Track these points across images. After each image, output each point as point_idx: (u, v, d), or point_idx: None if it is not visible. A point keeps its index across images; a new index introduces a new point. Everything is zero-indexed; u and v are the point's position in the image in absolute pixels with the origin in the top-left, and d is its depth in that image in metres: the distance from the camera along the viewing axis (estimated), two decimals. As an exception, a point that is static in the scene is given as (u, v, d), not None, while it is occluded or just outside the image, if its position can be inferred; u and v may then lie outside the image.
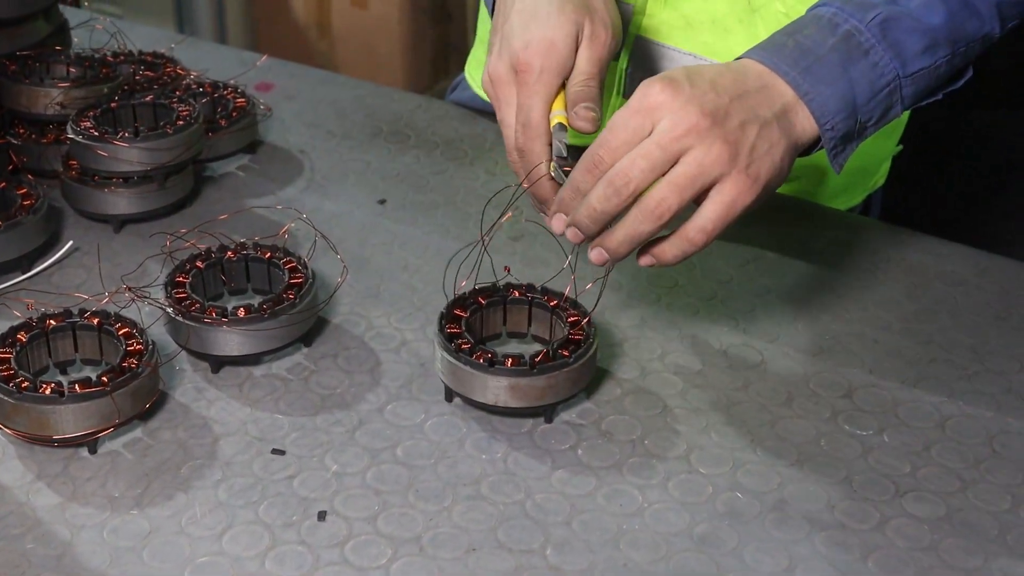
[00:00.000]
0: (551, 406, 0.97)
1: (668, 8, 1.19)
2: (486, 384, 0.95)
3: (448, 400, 1.00)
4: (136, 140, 1.17)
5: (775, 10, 1.15)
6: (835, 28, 0.96)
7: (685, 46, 1.20)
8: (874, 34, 0.96)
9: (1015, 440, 0.98)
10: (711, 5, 1.18)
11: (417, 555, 0.86)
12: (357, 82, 1.55)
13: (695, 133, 0.90)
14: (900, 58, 0.97)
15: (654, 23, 1.20)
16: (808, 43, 0.96)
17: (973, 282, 1.17)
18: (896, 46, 0.97)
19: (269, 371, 1.04)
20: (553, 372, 0.95)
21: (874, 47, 0.96)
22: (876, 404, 1.01)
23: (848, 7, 0.97)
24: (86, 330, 1.00)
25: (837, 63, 0.95)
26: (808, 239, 1.23)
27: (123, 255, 1.18)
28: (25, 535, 0.87)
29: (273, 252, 1.09)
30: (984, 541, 0.88)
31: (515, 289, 1.04)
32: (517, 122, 1.01)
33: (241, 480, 0.92)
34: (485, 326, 1.04)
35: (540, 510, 0.90)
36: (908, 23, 0.97)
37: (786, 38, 0.97)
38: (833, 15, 0.97)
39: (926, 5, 0.98)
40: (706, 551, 0.87)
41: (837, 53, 0.95)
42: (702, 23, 1.19)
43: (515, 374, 0.95)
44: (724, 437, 0.97)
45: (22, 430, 0.93)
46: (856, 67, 0.96)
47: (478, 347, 0.97)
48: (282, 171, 1.34)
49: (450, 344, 0.97)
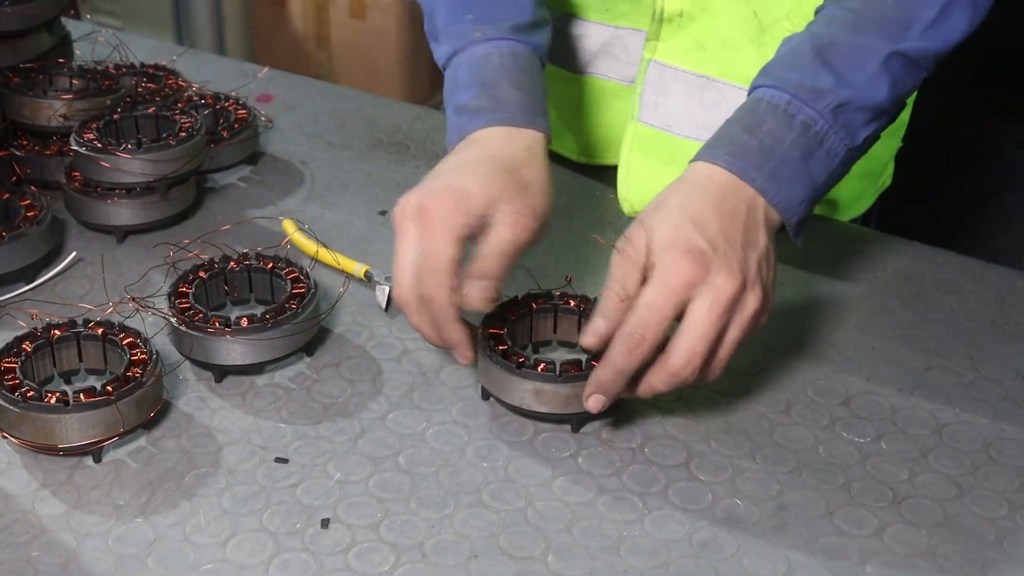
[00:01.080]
0: (577, 415, 0.97)
1: (681, 32, 1.20)
2: (513, 386, 0.96)
3: (484, 399, 1.01)
4: (139, 152, 1.18)
5: (783, 28, 1.16)
6: (792, 120, 1.00)
7: (698, 68, 1.21)
8: (827, 121, 1.00)
9: (1012, 447, 0.99)
10: (722, 25, 1.19)
11: (419, 562, 0.87)
12: (357, 93, 1.56)
13: (739, 297, 0.93)
14: (851, 136, 1.01)
15: (667, 47, 1.22)
16: (769, 141, 0.99)
17: (969, 290, 1.18)
18: (847, 127, 1.01)
19: (272, 380, 1.04)
20: (579, 382, 0.95)
21: (827, 133, 1.00)
22: (874, 411, 1.02)
23: (801, 93, 1.00)
24: (90, 340, 1.01)
25: (798, 159, 0.99)
26: (805, 248, 1.23)
27: (126, 266, 1.19)
28: (31, 543, 0.88)
29: (275, 262, 1.10)
30: (981, 547, 0.89)
31: (570, 299, 1.05)
32: (416, 265, 0.96)
33: (245, 488, 0.93)
34: (535, 332, 1.05)
35: (541, 517, 0.91)
36: (857, 103, 1.01)
37: (747, 136, 0.99)
38: (788, 104, 1.00)
39: (871, 81, 1.01)
40: (706, 557, 0.88)
41: (797, 149, 0.99)
42: (713, 45, 1.20)
43: (541, 379, 0.96)
44: (723, 444, 0.98)
45: (27, 439, 0.93)
46: (814, 158, 1.00)
47: (514, 350, 0.98)
48: (283, 182, 1.35)
49: (489, 344, 0.98)
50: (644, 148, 1.26)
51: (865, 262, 1.22)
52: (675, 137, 1.25)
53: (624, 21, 1.25)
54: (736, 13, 1.18)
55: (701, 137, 1.23)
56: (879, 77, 1.01)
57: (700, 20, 1.19)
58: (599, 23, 1.27)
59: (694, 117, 1.23)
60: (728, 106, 1.20)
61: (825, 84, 1.00)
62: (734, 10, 1.18)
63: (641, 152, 1.26)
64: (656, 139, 1.26)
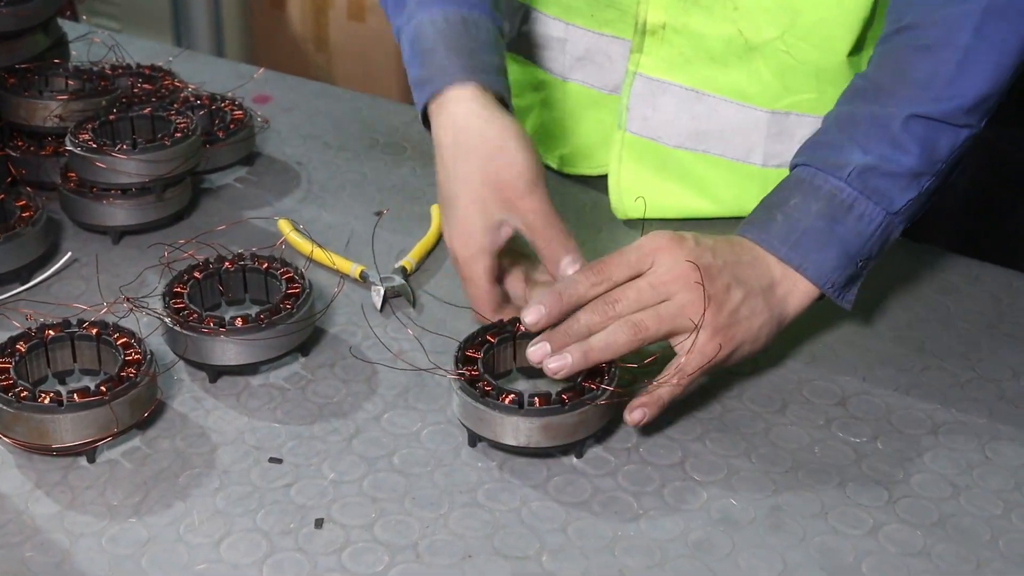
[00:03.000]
0: (581, 441, 0.95)
1: (665, 45, 1.20)
2: (517, 426, 0.93)
3: (472, 445, 0.97)
4: (134, 152, 1.18)
5: (776, 48, 1.16)
6: (817, 191, 1.02)
7: (685, 81, 1.21)
8: (855, 187, 1.01)
9: (1007, 446, 0.98)
10: (706, 43, 1.18)
11: (414, 562, 0.87)
12: (354, 94, 1.56)
13: (683, 281, 0.96)
14: (885, 201, 1.02)
15: (652, 60, 1.21)
16: (795, 214, 1.01)
17: (965, 290, 1.18)
18: (877, 193, 1.01)
19: (267, 380, 1.04)
20: (583, 408, 0.93)
21: (856, 200, 1.01)
22: (869, 411, 1.02)
23: (826, 168, 1.02)
24: (85, 340, 1.01)
25: (824, 228, 1.01)
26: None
27: (121, 266, 1.19)
28: (24, 543, 0.88)
29: (270, 262, 1.10)
30: (976, 547, 0.89)
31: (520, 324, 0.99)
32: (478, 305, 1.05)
33: (239, 488, 0.93)
34: (497, 364, 1.02)
35: (536, 517, 0.91)
36: (883, 169, 1.01)
37: (774, 212, 1.02)
38: (812, 177, 1.02)
39: (895, 146, 1.01)
40: (700, 557, 0.88)
41: (822, 219, 1.01)
42: (700, 59, 1.19)
43: (546, 413, 0.92)
44: (718, 444, 0.98)
45: (21, 439, 0.93)
46: (842, 225, 1.01)
47: (502, 389, 0.94)
48: (279, 183, 1.35)
49: (472, 388, 0.95)
50: (634, 156, 1.26)
51: (861, 262, 1.22)
52: (665, 147, 1.24)
53: (609, 29, 1.24)
54: (720, 30, 1.17)
55: (693, 147, 1.23)
56: (902, 141, 1.01)
57: (683, 34, 1.19)
58: (584, 28, 1.26)
59: (685, 128, 1.23)
60: (720, 119, 1.20)
61: (850, 156, 1.01)
62: (718, 27, 1.17)
63: (631, 160, 1.26)
64: (646, 148, 1.25)
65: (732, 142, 1.22)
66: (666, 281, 0.96)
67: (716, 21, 1.16)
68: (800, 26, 1.14)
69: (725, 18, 1.16)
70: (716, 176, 1.25)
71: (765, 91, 1.19)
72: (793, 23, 1.14)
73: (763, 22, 1.15)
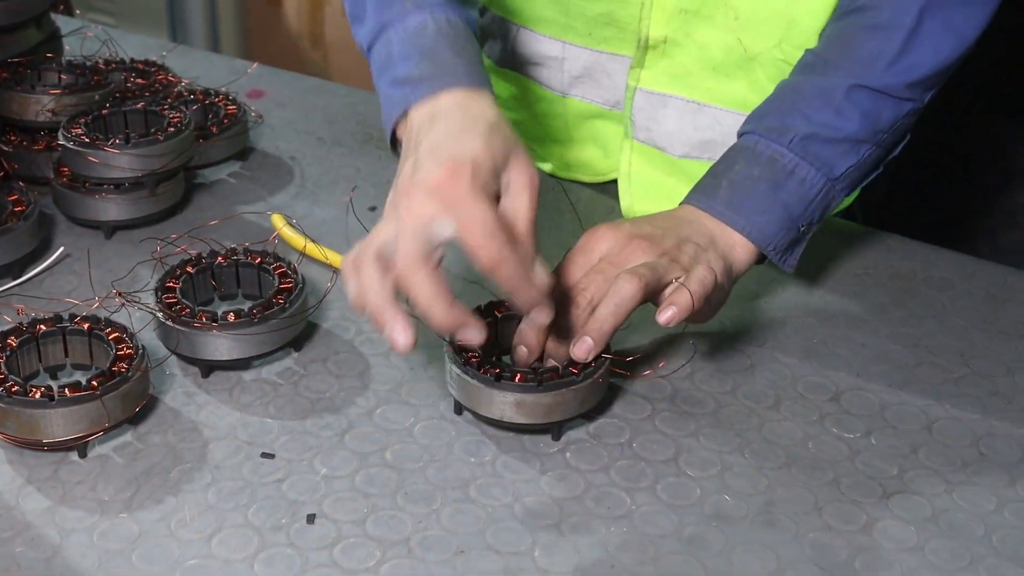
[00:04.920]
0: (557, 424, 0.96)
1: (666, 59, 1.19)
2: (492, 399, 0.94)
3: (457, 413, 0.99)
4: (127, 147, 1.18)
5: (774, 57, 1.16)
6: (759, 157, 1.05)
7: (686, 94, 1.21)
8: (796, 153, 1.05)
9: (1001, 442, 0.98)
10: (707, 54, 1.18)
11: (406, 557, 0.86)
12: (348, 89, 1.56)
13: (637, 248, 0.98)
14: (826, 167, 1.06)
15: (653, 74, 1.21)
16: (738, 179, 1.05)
17: (960, 286, 1.18)
18: (818, 158, 1.05)
19: (259, 375, 1.04)
20: (559, 390, 0.94)
21: (798, 164, 1.05)
22: (863, 407, 1.02)
23: (769, 135, 1.06)
24: (76, 335, 1.01)
25: (766, 192, 1.04)
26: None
27: (114, 261, 1.18)
28: (15, 539, 0.87)
29: (263, 257, 1.09)
30: (970, 542, 0.89)
31: None
32: (475, 235, 0.86)
33: (230, 483, 0.92)
34: (502, 339, 1.02)
35: (528, 513, 0.90)
36: (824, 135, 1.05)
37: (718, 180, 1.06)
38: (755, 144, 1.06)
39: (837, 114, 1.06)
40: (694, 553, 0.87)
41: (764, 182, 1.04)
42: (701, 71, 1.19)
43: (521, 390, 0.94)
44: (712, 440, 0.98)
45: (12, 434, 0.93)
46: (784, 189, 1.05)
47: (488, 361, 0.96)
48: (273, 178, 1.35)
49: (459, 357, 0.96)
50: (643, 161, 1.26)
51: (856, 259, 1.22)
52: (672, 156, 1.24)
53: (607, 46, 1.23)
54: (720, 40, 1.17)
55: (699, 156, 1.23)
56: (844, 109, 1.05)
57: (684, 46, 1.18)
58: (581, 47, 1.24)
59: (689, 139, 1.23)
60: (723, 130, 1.21)
61: (792, 122, 1.05)
62: (718, 37, 1.17)
63: (641, 164, 1.26)
64: (654, 155, 1.25)
65: None
66: (620, 251, 0.98)
67: (718, 31, 1.16)
68: (796, 35, 1.14)
69: (727, 28, 1.16)
70: None
71: None
72: (789, 32, 1.14)
73: (762, 31, 1.15)
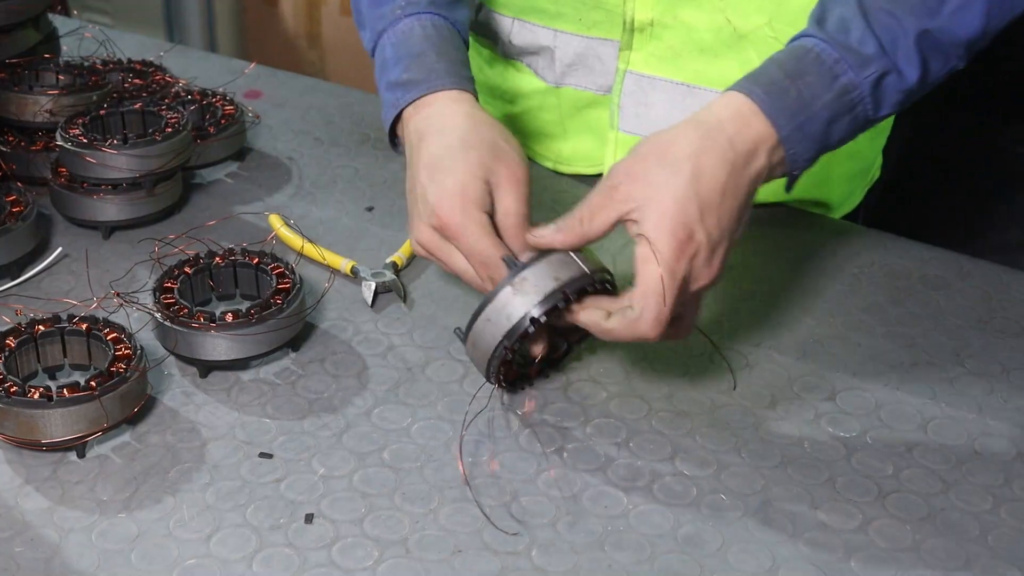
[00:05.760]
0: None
1: (654, 41, 1.20)
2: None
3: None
4: (125, 147, 1.18)
5: (764, 35, 1.16)
6: (834, 80, 0.98)
7: (676, 76, 1.21)
8: (866, 91, 0.99)
9: (996, 442, 0.99)
10: (696, 35, 1.18)
11: (403, 557, 0.87)
12: (345, 89, 1.56)
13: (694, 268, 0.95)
14: (877, 107, 1.01)
15: (642, 57, 1.21)
16: (807, 93, 0.98)
17: (956, 286, 1.18)
18: (879, 101, 1.00)
19: (257, 376, 1.04)
20: None
21: (862, 102, 0.99)
22: (859, 406, 1.02)
23: (849, 56, 0.99)
24: (75, 335, 1.01)
25: (825, 120, 0.98)
26: (792, 244, 1.24)
27: (112, 261, 1.18)
28: (14, 538, 0.88)
29: (261, 257, 1.10)
30: (965, 541, 0.89)
31: None
32: (474, 265, 1.00)
33: (229, 483, 0.93)
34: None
35: (525, 512, 0.91)
36: (893, 80, 1.00)
37: (788, 82, 0.98)
38: (835, 63, 0.99)
39: (907, 58, 1.00)
40: (690, 552, 0.88)
41: (828, 110, 0.98)
42: (690, 52, 1.19)
43: None
44: (708, 439, 0.98)
45: (11, 434, 0.93)
46: (840, 122, 0.99)
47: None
48: (270, 178, 1.35)
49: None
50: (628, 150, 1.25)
51: (852, 258, 1.22)
52: None
53: (597, 31, 1.24)
54: (709, 21, 1.17)
55: None
56: (911, 55, 1.00)
57: (673, 28, 1.18)
58: (572, 33, 1.25)
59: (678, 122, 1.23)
60: None
61: (870, 51, 0.98)
62: (707, 18, 1.17)
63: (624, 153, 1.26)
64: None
65: None
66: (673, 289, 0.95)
67: (705, 12, 1.16)
68: (787, 12, 1.14)
69: (713, 8, 1.16)
70: None
71: None
72: (779, 9, 1.14)
73: (751, 9, 1.15)
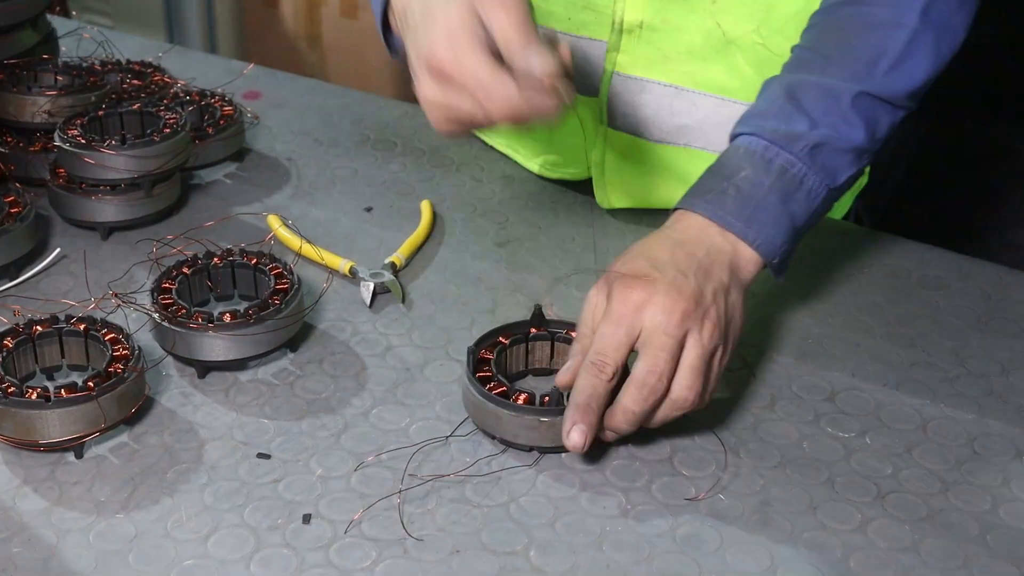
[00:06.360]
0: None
1: (643, 43, 1.19)
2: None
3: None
4: (123, 148, 1.18)
5: (752, 41, 1.16)
6: (769, 165, 1.01)
7: (664, 78, 1.21)
8: (805, 163, 1.01)
9: (996, 442, 0.98)
10: (685, 37, 1.18)
11: (401, 557, 0.86)
12: (344, 90, 1.56)
13: (689, 317, 0.92)
14: (830, 177, 1.02)
15: (630, 59, 1.21)
16: (747, 187, 1.00)
17: (955, 286, 1.18)
18: (825, 168, 1.02)
19: (255, 376, 1.04)
20: None
21: (806, 175, 1.01)
22: (858, 407, 1.02)
23: (777, 139, 1.01)
24: (73, 336, 1.01)
25: (777, 202, 1.00)
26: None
27: (110, 262, 1.18)
28: (11, 539, 0.87)
29: (259, 258, 1.10)
30: (965, 542, 0.89)
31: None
32: (479, 99, 0.91)
33: (226, 484, 0.92)
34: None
35: (524, 512, 0.90)
36: (833, 145, 1.02)
37: (724, 183, 1.00)
38: (764, 150, 1.01)
39: (846, 121, 1.02)
40: (689, 552, 0.88)
41: (775, 193, 1.00)
42: (679, 55, 1.19)
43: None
44: (707, 440, 0.98)
45: (8, 435, 0.93)
46: (793, 200, 1.01)
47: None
48: (269, 178, 1.35)
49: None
50: (617, 150, 1.25)
51: (851, 258, 1.22)
52: (647, 142, 1.24)
53: (585, 31, 1.23)
54: (698, 24, 1.17)
55: (674, 141, 1.23)
56: (852, 118, 1.02)
57: (661, 31, 1.18)
58: (561, 33, 1.24)
59: (666, 124, 1.23)
60: (699, 115, 1.20)
61: (800, 128, 1.01)
62: (696, 21, 1.17)
63: (614, 153, 1.26)
64: (629, 142, 1.25)
65: (714, 136, 1.22)
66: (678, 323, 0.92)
67: (695, 15, 1.16)
68: (775, 19, 1.14)
69: (704, 12, 1.16)
70: (699, 169, 1.24)
71: (745, 85, 1.18)
72: (767, 16, 1.14)
73: (740, 15, 1.15)
